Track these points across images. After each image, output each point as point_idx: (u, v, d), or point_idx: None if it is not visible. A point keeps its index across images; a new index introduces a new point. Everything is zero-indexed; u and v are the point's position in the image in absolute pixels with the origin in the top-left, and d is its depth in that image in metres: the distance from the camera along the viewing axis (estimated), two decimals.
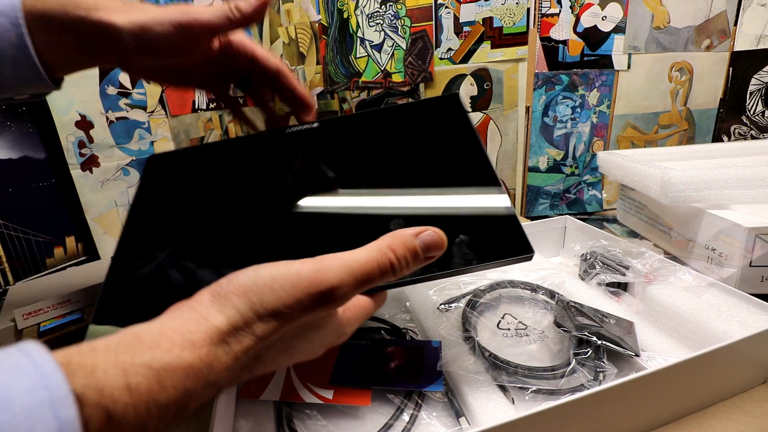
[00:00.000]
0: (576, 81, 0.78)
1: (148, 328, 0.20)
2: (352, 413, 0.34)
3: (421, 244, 0.25)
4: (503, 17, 0.75)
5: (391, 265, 0.24)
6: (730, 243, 0.46)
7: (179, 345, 0.20)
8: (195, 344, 0.20)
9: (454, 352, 0.37)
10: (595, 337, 0.36)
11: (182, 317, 0.21)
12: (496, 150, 0.82)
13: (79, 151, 0.69)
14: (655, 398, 0.32)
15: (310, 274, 0.23)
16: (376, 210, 0.35)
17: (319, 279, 0.23)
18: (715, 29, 0.77)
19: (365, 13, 0.79)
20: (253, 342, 0.22)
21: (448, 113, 0.41)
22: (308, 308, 0.23)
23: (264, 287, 0.22)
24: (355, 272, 0.23)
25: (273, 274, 0.23)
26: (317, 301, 0.23)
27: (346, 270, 0.23)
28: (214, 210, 0.38)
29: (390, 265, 0.24)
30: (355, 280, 0.23)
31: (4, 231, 0.62)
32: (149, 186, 0.42)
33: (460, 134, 0.39)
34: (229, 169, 0.42)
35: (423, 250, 0.25)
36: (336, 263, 0.23)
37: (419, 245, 0.25)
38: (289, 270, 0.23)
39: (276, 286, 0.22)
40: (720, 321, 0.38)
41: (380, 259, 0.24)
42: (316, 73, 0.87)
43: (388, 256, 0.24)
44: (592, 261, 0.51)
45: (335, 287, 0.23)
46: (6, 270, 0.63)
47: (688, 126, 0.83)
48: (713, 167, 0.52)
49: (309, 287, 0.22)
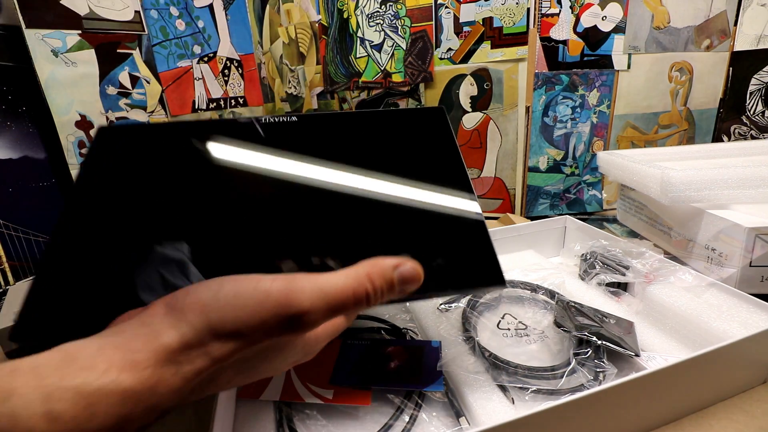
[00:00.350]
0: (576, 81, 0.78)
1: (84, 345, 0.18)
2: (352, 413, 0.34)
3: (399, 277, 0.24)
4: (503, 17, 0.75)
5: (367, 295, 0.23)
6: (730, 243, 0.46)
7: (118, 366, 0.17)
8: (137, 365, 0.18)
9: (454, 352, 0.37)
10: (595, 337, 0.36)
11: (128, 332, 0.19)
12: (496, 150, 0.82)
13: (79, 151, 0.69)
14: (655, 398, 0.32)
15: (279, 294, 0.21)
16: (348, 217, 0.33)
17: (289, 301, 0.21)
18: (715, 29, 0.77)
19: (365, 13, 0.79)
20: (207, 364, 0.20)
21: (432, 125, 0.40)
22: (273, 332, 0.21)
23: (225, 304, 0.20)
24: (329, 298, 0.22)
25: (237, 289, 0.20)
26: (284, 326, 0.21)
27: (319, 295, 0.21)
28: (173, 201, 0.33)
29: (366, 296, 0.23)
30: (327, 306, 0.22)
31: (4, 231, 0.62)
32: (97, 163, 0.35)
33: (442, 148, 0.38)
34: (193, 155, 0.36)
35: (399, 283, 0.24)
36: (309, 286, 0.21)
37: (397, 278, 0.24)
38: (256, 287, 0.21)
39: (239, 303, 0.20)
40: (720, 321, 0.38)
41: (357, 288, 0.22)
42: (316, 73, 0.87)
43: (365, 286, 0.23)
44: (592, 261, 0.51)
45: (306, 312, 0.21)
46: (6, 270, 0.63)
47: (688, 126, 0.83)
48: (713, 167, 0.52)
49: (276, 309, 0.20)
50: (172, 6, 0.78)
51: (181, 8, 0.79)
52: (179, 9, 0.79)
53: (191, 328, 0.19)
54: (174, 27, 0.79)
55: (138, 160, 0.36)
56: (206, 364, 0.20)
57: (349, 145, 0.39)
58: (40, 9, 0.64)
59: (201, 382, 0.20)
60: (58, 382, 0.16)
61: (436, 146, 0.39)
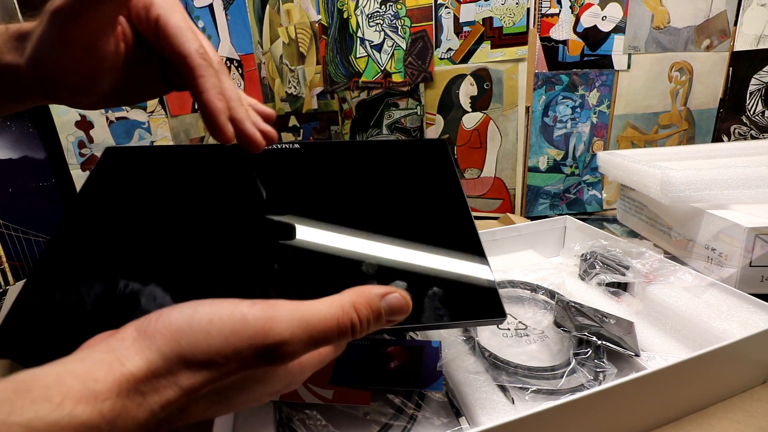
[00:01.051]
0: (576, 81, 0.78)
1: (42, 373, 0.17)
2: (352, 413, 0.34)
3: (387, 306, 0.22)
4: (503, 17, 0.75)
5: (352, 326, 0.21)
6: (730, 243, 0.46)
7: (74, 398, 0.16)
8: (97, 396, 0.16)
9: (454, 352, 0.37)
10: (595, 337, 0.36)
11: (92, 358, 0.18)
12: (496, 150, 0.82)
13: (79, 151, 0.69)
14: (655, 398, 0.32)
15: (257, 321, 0.19)
16: (346, 250, 0.32)
17: (267, 329, 0.19)
18: (715, 29, 0.77)
19: (365, 13, 0.79)
20: (175, 395, 0.18)
21: (434, 157, 0.40)
22: (248, 363, 0.19)
23: (198, 330, 0.19)
24: (311, 328, 0.20)
25: (211, 315, 0.19)
26: (260, 356, 0.19)
27: (300, 324, 0.20)
28: (165, 224, 0.33)
29: (351, 327, 0.21)
30: (309, 337, 0.20)
31: (4, 231, 0.62)
32: (98, 184, 0.36)
33: (444, 181, 0.38)
34: (191, 180, 0.37)
35: (387, 313, 0.22)
36: (290, 314, 0.20)
37: (384, 308, 0.22)
38: (232, 312, 0.19)
39: (213, 329, 0.19)
40: (720, 321, 0.39)
41: (341, 317, 0.21)
42: (316, 73, 0.87)
43: (350, 316, 0.21)
44: (592, 261, 0.51)
45: (284, 342, 0.19)
46: (6, 270, 0.63)
47: (688, 126, 0.83)
48: (713, 167, 0.52)
49: (253, 338, 0.19)
50: None
51: None
52: None
53: (160, 355, 0.18)
54: None
55: (138, 182, 0.37)
56: (175, 395, 0.18)
57: (350, 176, 0.39)
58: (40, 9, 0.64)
59: (169, 414, 0.19)
60: (5, 417, 0.15)
61: (437, 179, 0.39)
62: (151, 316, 0.19)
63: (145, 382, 0.18)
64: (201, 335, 0.18)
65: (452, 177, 0.38)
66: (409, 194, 0.38)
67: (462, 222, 0.35)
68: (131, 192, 0.36)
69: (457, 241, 0.34)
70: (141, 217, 0.33)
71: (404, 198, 0.37)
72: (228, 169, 0.38)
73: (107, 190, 0.35)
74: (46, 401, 0.16)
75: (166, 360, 0.18)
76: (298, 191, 0.36)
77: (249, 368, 0.19)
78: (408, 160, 0.41)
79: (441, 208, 0.36)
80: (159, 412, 0.18)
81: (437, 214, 0.36)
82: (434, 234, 0.34)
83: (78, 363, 0.17)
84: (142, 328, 0.19)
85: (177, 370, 0.18)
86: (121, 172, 0.37)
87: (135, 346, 0.18)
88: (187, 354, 0.18)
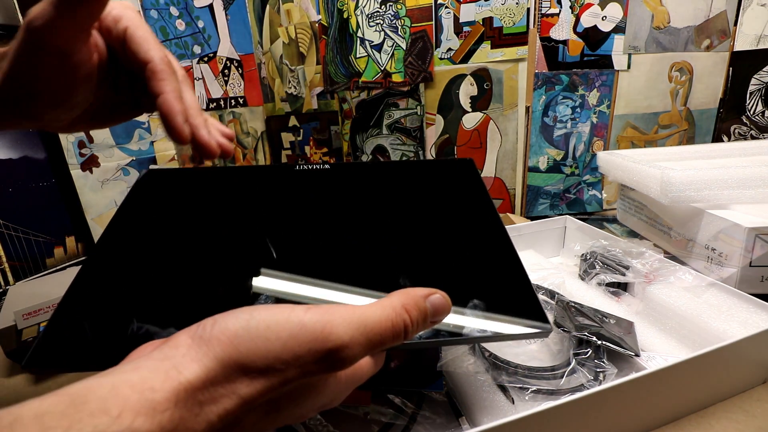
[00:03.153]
0: (576, 81, 0.78)
1: (97, 384, 0.16)
2: (352, 413, 0.34)
3: (431, 307, 0.23)
4: (503, 17, 0.75)
5: (405, 327, 0.21)
6: (730, 243, 0.46)
7: (133, 409, 0.15)
8: (156, 407, 0.16)
9: (454, 352, 0.37)
10: (595, 337, 0.36)
11: (148, 367, 0.17)
12: (496, 150, 0.82)
13: (79, 151, 0.69)
14: (655, 398, 0.32)
15: (315, 325, 0.19)
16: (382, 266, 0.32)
17: (327, 333, 0.19)
18: (715, 29, 0.77)
19: (365, 13, 0.79)
20: (233, 405, 0.17)
21: (462, 178, 0.41)
22: (308, 368, 0.19)
23: (256, 335, 0.18)
24: (368, 331, 0.20)
25: (269, 320, 0.19)
26: (320, 361, 0.19)
27: (358, 327, 0.20)
28: (202, 243, 0.34)
29: (404, 328, 0.21)
30: (367, 340, 0.20)
31: (4, 231, 0.62)
32: (138, 203, 0.37)
33: (475, 199, 0.38)
34: (228, 201, 0.38)
35: (431, 314, 0.23)
36: (347, 317, 0.20)
37: (429, 309, 0.23)
38: (289, 317, 0.19)
39: (271, 335, 0.18)
40: (720, 321, 0.39)
41: (395, 319, 0.21)
42: (316, 73, 0.87)
43: (402, 317, 0.21)
44: (592, 261, 0.51)
45: (344, 346, 0.19)
46: (6, 270, 0.63)
47: (688, 126, 0.83)
48: (713, 167, 0.52)
49: (313, 342, 0.18)
50: (172, 6, 0.78)
51: (181, 8, 0.79)
52: (179, 9, 0.79)
53: (217, 362, 0.17)
54: (174, 27, 0.79)
55: (177, 202, 0.38)
56: (232, 405, 0.17)
57: (382, 196, 0.39)
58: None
59: (225, 426, 0.18)
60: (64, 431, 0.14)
61: (468, 198, 0.39)
62: (205, 322, 0.19)
63: (203, 390, 0.17)
64: (259, 341, 0.18)
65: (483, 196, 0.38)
66: (442, 211, 0.38)
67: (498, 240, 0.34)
68: (169, 212, 0.37)
69: (493, 256, 0.33)
70: (176, 235, 0.34)
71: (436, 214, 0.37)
72: (261, 192, 0.39)
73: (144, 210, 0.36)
74: (105, 414, 0.15)
75: (225, 367, 0.17)
76: (335, 215, 0.37)
77: (308, 375, 0.19)
78: (439, 182, 0.42)
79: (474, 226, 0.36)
80: (216, 424, 0.17)
81: (471, 232, 0.35)
82: (470, 251, 0.34)
83: (133, 372, 0.17)
84: (197, 334, 0.18)
85: (235, 377, 0.17)
86: (159, 193, 0.39)
87: (191, 354, 0.18)
88: (246, 360, 0.18)
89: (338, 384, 0.22)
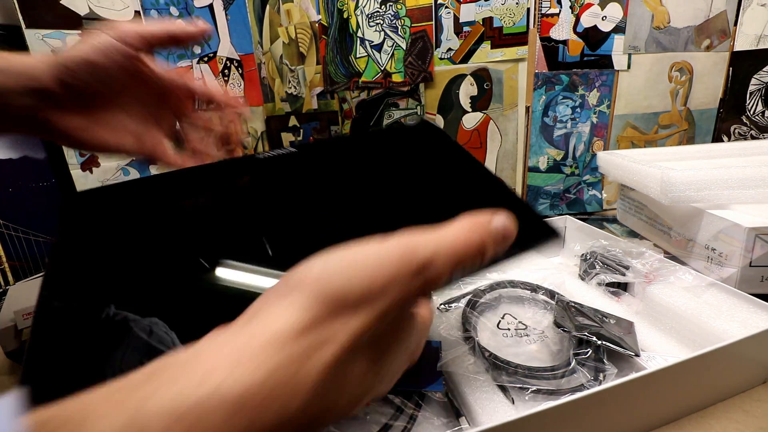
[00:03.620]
0: (576, 81, 0.78)
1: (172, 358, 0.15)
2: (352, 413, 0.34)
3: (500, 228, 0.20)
4: (503, 17, 0.75)
5: (482, 245, 0.19)
6: (730, 243, 0.46)
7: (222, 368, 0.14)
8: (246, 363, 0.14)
9: (454, 352, 0.37)
10: (595, 337, 0.36)
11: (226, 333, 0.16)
12: (496, 150, 0.82)
13: (79, 151, 0.69)
14: (655, 398, 0.32)
15: (398, 246, 0.18)
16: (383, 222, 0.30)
17: (412, 249, 0.17)
18: (715, 29, 0.77)
19: (365, 13, 0.79)
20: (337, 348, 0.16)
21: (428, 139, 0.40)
22: (404, 290, 0.17)
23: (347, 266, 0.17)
24: (449, 243, 0.18)
25: (353, 253, 0.17)
26: (414, 275, 0.17)
27: (439, 241, 0.18)
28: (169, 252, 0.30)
29: (481, 246, 0.19)
30: (454, 252, 0.18)
31: (4, 231, 0.62)
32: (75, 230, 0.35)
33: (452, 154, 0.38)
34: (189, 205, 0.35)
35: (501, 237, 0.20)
36: (426, 234, 0.18)
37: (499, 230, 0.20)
38: (368, 247, 0.18)
39: (358, 266, 0.17)
40: (720, 321, 0.38)
41: (470, 236, 0.19)
42: (316, 73, 0.87)
43: (478, 233, 0.19)
44: (592, 261, 0.51)
45: (433, 258, 0.17)
46: (6, 270, 0.63)
47: (688, 126, 0.83)
48: (713, 167, 0.52)
49: (401, 260, 0.17)
50: (172, 6, 0.78)
51: (181, 8, 0.79)
52: (179, 9, 0.79)
53: (313, 299, 0.16)
54: None
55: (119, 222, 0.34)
56: (336, 348, 0.16)
57: (355, 170, 0.37)
58: (40, 9, 0.64)
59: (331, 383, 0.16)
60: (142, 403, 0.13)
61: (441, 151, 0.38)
62: (284, 276, 0.17)
63: (301, 335, 0.15)
64: (350, 271, 0.17)
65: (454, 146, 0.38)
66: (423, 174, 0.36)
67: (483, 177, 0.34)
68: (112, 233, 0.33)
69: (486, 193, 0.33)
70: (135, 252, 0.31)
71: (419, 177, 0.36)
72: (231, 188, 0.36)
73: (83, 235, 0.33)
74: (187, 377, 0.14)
75: (321, 303, 0.16)
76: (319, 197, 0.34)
77: (404, 299, 0.17)
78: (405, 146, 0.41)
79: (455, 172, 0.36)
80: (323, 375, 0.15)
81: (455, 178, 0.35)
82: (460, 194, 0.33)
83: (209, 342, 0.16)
84: (280, 286, 0.17)
85: (335, 313, 0.16)
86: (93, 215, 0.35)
87: (283, 303, 0.16)
88: (342, 293, 0.16)
89: (418, 325, 0.21)
